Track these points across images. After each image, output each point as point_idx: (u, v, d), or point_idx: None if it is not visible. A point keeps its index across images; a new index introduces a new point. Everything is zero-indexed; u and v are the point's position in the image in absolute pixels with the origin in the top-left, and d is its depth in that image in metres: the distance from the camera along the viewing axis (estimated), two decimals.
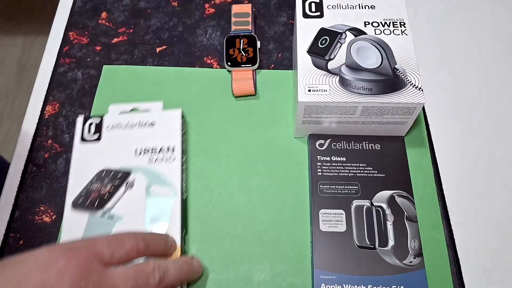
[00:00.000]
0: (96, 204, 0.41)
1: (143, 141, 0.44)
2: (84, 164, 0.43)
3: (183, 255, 0.39)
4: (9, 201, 0.44)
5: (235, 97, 0.50)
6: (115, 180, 0.42)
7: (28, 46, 1.49)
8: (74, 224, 0.40)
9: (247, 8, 0.55)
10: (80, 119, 0.45)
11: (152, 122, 0.45)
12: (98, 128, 0.45)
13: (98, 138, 0.44)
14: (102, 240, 0.32)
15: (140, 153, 0.43)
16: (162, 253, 0.37)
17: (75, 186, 0.42)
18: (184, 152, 0.45)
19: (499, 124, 0.49)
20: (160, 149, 0.43)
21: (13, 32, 1.53)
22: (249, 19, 0.53)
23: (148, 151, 0.43)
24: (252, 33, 0.52)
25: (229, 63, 0.50)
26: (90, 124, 0.45)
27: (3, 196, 0.45)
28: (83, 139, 0.44)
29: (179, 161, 0.43)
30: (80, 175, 0.43)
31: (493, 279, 0.41)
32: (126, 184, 0.42)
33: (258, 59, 0.50)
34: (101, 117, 0.45)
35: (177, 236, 0.39)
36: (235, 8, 0.54)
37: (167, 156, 0.43)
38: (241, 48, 0.51)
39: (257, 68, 0.51)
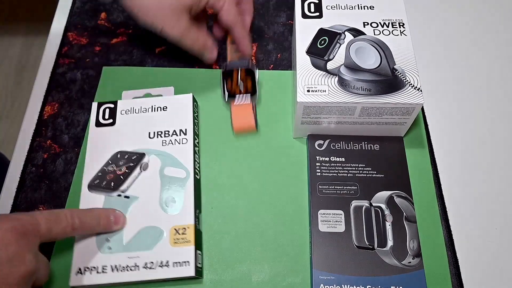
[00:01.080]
0: (112, 184, 0.42)
1: (156, 124, 0.45)
2: (99, 147, 0.44)
3: (197, 235, 0.41)
4: (8, 202, 0.44)
5: (235, 134, 0.47)
6: (130, 161, 0.43)
7: (28, 47, 1.49)
8: (90, 205, 0.41)
9: None
10: (94, 105, 0.47)
11: (164, 106, 0.46)
12: (113, 112, 0.46)
13: (113, 122, 0.45)
14: (42, 215, 0.34)
15: (154, 136, 0.45)
16: (102, 229, 0.39)
17: (90, 169, 0.43)
18: (196, 134, 0.46)
19: (498, 125, 0.49)
20: (173, 132, 0.45)
21: (13, 32, 1.53)
22: None
23: (161, 134, 0.44)
24: (250, 66, 0.48)
25: (227, 98, 0.47)
26: (105, 109, 0.46)
27: (2, 197, 0.44)
28: (98, 123, 0.45)
29: (191, 142, 0.44)
30: (95, 158, 0.44)
31: (492, 280, 0.41)
32: (141, 165, 0.43)
33: (257, 92, 0.47)
34: (115, 102, 0.47)
35: (190, 215, 0.40)
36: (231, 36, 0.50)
37: (180, 138, 0.44)
38: (239, 80, 0.47)
39: (256, 101, 0.48)
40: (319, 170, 0.44)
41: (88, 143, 0.45)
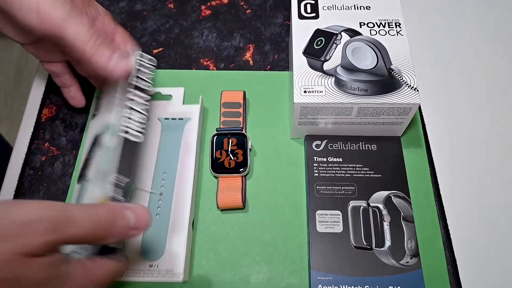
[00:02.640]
0: (81, 172, 0.39)
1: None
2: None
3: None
4: None
5: (220, 210, 0.44)
6: (94, 145, 0.40)
7: None
8: (75, 197, 0.40)
9: (238, 96, 0.48)
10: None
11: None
12: None
13: None
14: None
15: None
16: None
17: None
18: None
19: (495, 124, 0.49)
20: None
21: None
22: (241, 110, 0.47)
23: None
24: (243, 131, 0.45)
25: (214, 170, 0.44)
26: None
27: (0, 199, 0.45)
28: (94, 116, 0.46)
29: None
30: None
31: (490, 279, 0.41)
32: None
33: (248, 164, 0.44)
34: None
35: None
36: (225, 96, 0.48)
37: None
38: (229, 150, 0.44)
39: (247, 174, 0.45)
40: (316, 171, 0.44)
41: (88, 135, 0.45)
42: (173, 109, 0.47)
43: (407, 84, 0.41)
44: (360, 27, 0.44)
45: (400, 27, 0.44)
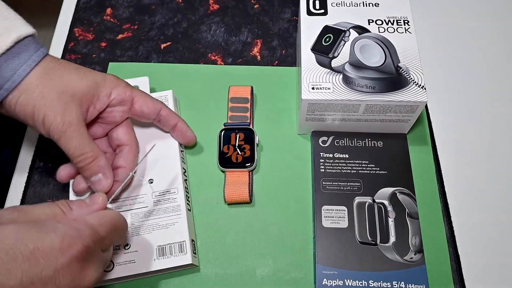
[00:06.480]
0: None
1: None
2: None
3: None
4: (17, 196, 0.45)
5: (227, 204, 0.44)
6: None
7: None
8: None
9: (246, 91, 0.48)
10: None
11: None
12: None
13: None
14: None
15: None
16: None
17: None
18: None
19: (501, 122, 0.49)
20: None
21: None
22: (248, 105, 0.48)
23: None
24: (250, 126, 0.46)
25: (221, 164, 0.44)
26: None
27: (11, 191, 0.45)
28: None
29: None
30: None
31: (493, 276, 0.41)
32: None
33: (255, 159, 0.44)
34: None
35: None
36: (233, 91, 0.48)
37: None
38: (237, 145, 0.44)
39: (254, 169, 0.45)
40: (323, 167, 0.44)
41: None
42: None
43: (415, 82, 0.41)
44: (369, 24, 0.44)
45: (408, 25, 0.44)
